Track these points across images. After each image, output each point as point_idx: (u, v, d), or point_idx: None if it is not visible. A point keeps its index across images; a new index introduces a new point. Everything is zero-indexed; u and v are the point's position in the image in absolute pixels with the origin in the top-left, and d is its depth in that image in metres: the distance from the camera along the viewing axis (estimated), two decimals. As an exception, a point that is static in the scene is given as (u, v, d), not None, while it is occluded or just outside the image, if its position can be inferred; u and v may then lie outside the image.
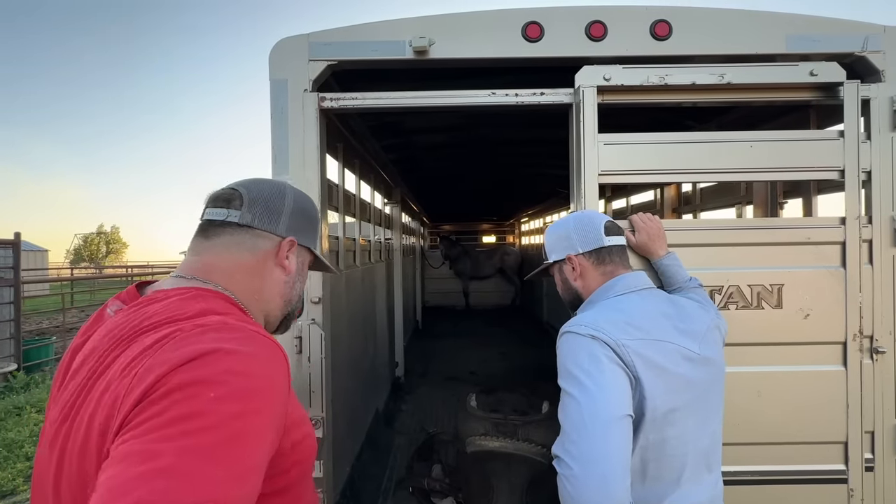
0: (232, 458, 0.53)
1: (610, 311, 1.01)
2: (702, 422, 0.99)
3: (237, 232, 0.79)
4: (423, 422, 3.76)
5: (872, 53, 1.64)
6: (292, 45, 1.68)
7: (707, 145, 1.64)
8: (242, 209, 0.79)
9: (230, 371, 0.57)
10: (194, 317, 0.65)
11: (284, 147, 1.68)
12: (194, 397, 0.54)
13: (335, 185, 2.71)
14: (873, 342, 1.61)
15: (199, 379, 0.55)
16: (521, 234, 10.49)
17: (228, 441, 0.53)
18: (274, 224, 0.81)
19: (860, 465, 1.60)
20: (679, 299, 1.14)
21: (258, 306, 0.81)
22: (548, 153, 3.91)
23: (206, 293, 0.72)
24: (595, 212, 1.21)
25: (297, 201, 0.86)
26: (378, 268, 4.05)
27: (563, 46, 1.66)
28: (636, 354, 0.91)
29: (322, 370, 1.65)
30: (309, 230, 0.88)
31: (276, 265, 0.82)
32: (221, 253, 0.78)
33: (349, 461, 2.67)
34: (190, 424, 0.52)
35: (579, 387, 0.88)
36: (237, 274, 0.78)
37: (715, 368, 1.03)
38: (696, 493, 0.96)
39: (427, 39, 1.64)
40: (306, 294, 1.69)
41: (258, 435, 0.57)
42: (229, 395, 0.55)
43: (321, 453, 1.63)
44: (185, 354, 0.56)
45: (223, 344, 0.59)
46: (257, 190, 0.82)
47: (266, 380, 0.60)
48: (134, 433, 0.51)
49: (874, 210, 1.62)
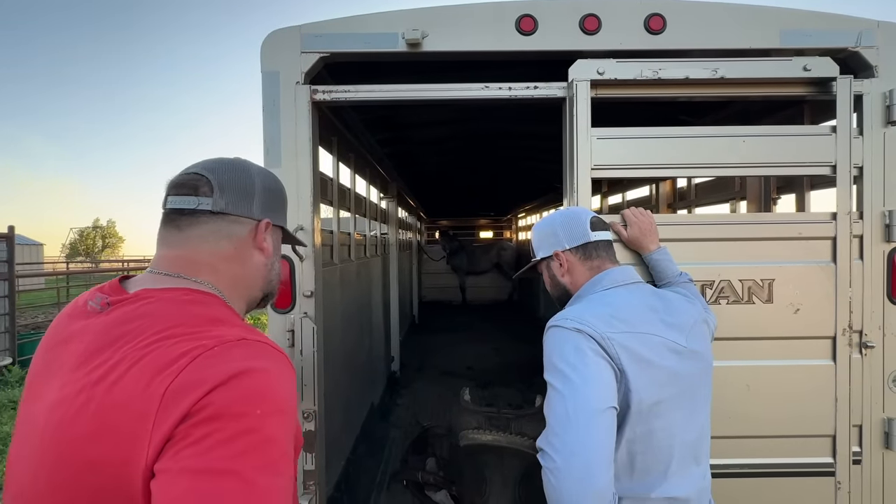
0: (286, 468, 0.59)
1: (596, 305, 1.02)
2: (689, 414, 0.99)
3: (212, 220, 0.76)
4: (419, 416, 3.77)
5: (866, 49, 1.64)
6: (284, 36, 1.66)
7: (700, 140, 1.64)
8: (214, 196, 0.75)
9: (267, 388, 0.60)
10: (206, 326, 0.65)
11: (276, 140, 1.67)
12: (245, 415, 0.56)
13: (329, 178, 2.70)
14: (862, 337, 1.62)
15: (243, 397, 0.57)
16: (518, 229, 10.50)
17: (282, 454, 0.59)
18: (248, 208, 0.79)
19: (847, 458, 1.62)
20: (666, 293, 1.15)
21: (243, 294, 0.81)
22: (543, 148, 3.90)
23: (203, 297, 0.72)
24: (580, 208, 1.22)
25: (265, 180, 0.83)
26: (374, 262, 4.05)
27: (556, 40, 1.65)
28: (621, 347, 0.92)
29: (314, 363, 1.65)
30: (280, 208, 0.87)
31: (254, 249, 0.81)
32: (199, 245, 0.75)
33: (344, 454, 2.68)
34: (249, 440, 0.55)
35: (564, 380, 0.89)
36: (220, 265, 0.76)
37: (702, 362, 1.04)
38: (683, 486, 0.96)
39: (420, 32, 1.62)
40: (298, 288, 1.69)
41: (291, 443, 0.63)
42: (271, 411, 0.59)
43: (314, 446, 1.63)
44: (222, 372, 0.58)
45: (252, 362, 0.61)
46: (224, 173, 0.78)
47: (289, 392, 0.64)
48: (194, 450, 0.53)
49: (865, 206, 1.63)
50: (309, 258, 1.69)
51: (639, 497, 0.96)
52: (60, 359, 0.65)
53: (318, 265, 1.75)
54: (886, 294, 1.63)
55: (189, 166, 0.79)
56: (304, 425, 1.63)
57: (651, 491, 0.95)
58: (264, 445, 0.57)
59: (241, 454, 0.54)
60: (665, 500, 0.95)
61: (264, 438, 0.57)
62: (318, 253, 1.74)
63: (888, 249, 1.63)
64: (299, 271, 1.68)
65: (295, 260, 1.67)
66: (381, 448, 3.30)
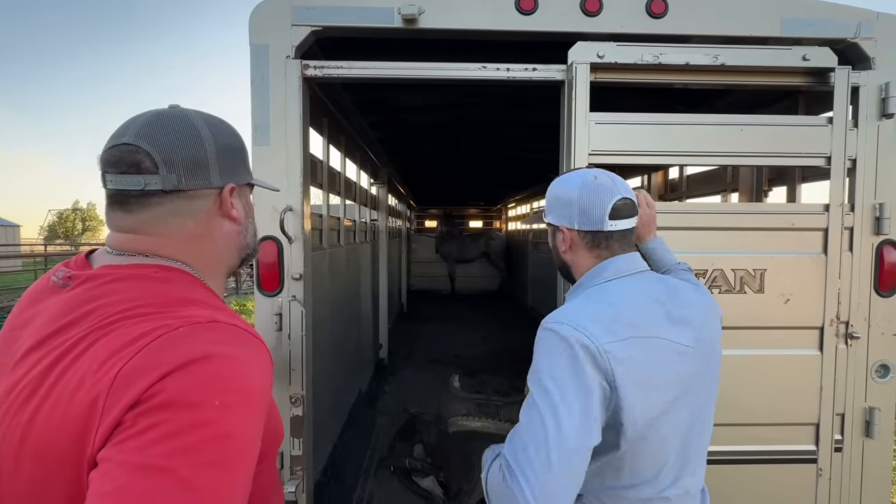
0: (243, 467, 0.53)
1: (597, 304, 0.93)
2: (691, 413, 0.94)
3: (166, 200, 0.65)
4: (406, 403, 3.77)
5: (864, 40, 1.63)
6: (274, 7, 1.59)
7: (698, 127, 1.63)
8: (161, 172, 0.64)
9: (230, 376, 0.55)
10: (174, 306, 0.59)
11: (265, 116, 1.61)
12: (199, 405, 0.51)
13: (320, 161, 2.64)
14: (849, 328, 1.65)
15: (200, 385, 0.52)
16: (508, 219, 10.50)
17: (238, 452, 0.53)
18: (205, 178, 0.67)
19: (829, 446, 1.65)
20: (672, 280, 1.05)
21: (220, 268, 0.74)
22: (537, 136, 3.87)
23: (174, 276, 0.65)
24: (611, 183, 0.99)
25: (218, 136, 0.70)
26: (363, 248, 4.00)
27: (556, 20, 1.61)
28: (618, 362, 0.85)
29: (302, 348, 1.62)
30: (241, 164, 0.75)
31: (223, 219, 0.71)
32: (158, 227, 0.66)
33: (331, 440, 2.67)
34: (199, 435, 0.50)
35: (550, 406, 0.83)
36: (188, 244, 0.69)
37: (709, 357, 0.97)
38: (677, 485, 0.93)
39: (416, 7, 1.57)
40: (287, 270, 1.64)
41: (256, 438, 0.57)
42: (232, 402, 0.53)
43: (301, 431, 1.60)
44: (180, 357, 0.52)
45: (218, 347, 0.55)
46: (167, 142, 0.65)
47: (260, 382, 0.59)
48: (138, 443, 0.48)
49: (857, 198, 1.64)
50: (298, 240, 1.64)
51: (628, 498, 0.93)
52: (21, 339, 0.61)
53: (308, 248, 1.71)
54: (873, 286, 1.65)
55: (118, 130, 0.66)
56: (291, 410, 1.60)
57: (640, 492, 0.92)
58: (218, 441, 0.51)
59: (188, 450, 0.49)
60: (659, 499, 0.92)
61: (220, 433, 0.51)
62: (307, 236, 1.69)
63: (877, 242, 1.65)
64: (288, 253, 1.64)
65: (284, 242, 1.62)
66: (368, 434, 3.29)
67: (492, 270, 10.03)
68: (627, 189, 1.01)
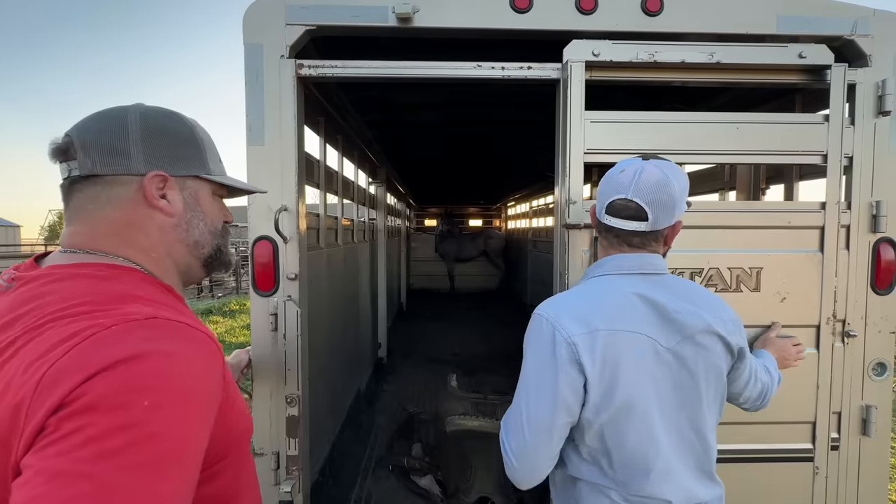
0: (176, 470, 0.50)
1: (580, 298, 1.00)
2: (673, 420, 0.95)
3: (87, 186, 0.65)
4: (405, 402, 3.77)
5: (861, 37, 1.63)
6: (268, 6, 1.59)
7: (694, 126, 1.62)
8: (79, 157, 0.64)
9: (163, 375, 0.52)
10: (114, 304, 0.57)
11: (260, 116, 1.60)
12: (126, 407, 0.48)
13: (316, 160, 2.63)
14: (845, 326, 1.64)
15: (128, 386, 0.49)
16: (508, 218, 10.50)
17: (170, 453, 0.50)
18: (123, 162, 0.65)
19: (826, 444, 1.65)
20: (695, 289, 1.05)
21: (166, 264, 0.71)
22: (534, 134, 3.87)
23: (115, 272, 0.63)
24: (624, 176, 0.99)
25: (148, 122, 0.67)
26: (361, 248, 3.99)
27: (551, 18, 1.61)
28: (585, 352, 0.92)
29: (298, 348, 1.61)
30: (182, 154, 0.70)
31: (151, 209, 0.68)
32: (86, 217, 0.65)
33: (329, 440, 2.67)
34: (125, 438, 0.47)
35: (525, 389, 0.97)
36: (122, 234, 0.66)
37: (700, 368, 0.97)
38: (670, 491, 0.93)
39: (411, 6, 1.56)
40: (282, 270, 1.63)
41: (195, 438, 0.54)
42: (165, 402, 0.51)
43: (297, 431, 1.60)
44: (109, 356, 0.50)
45: (153, 344, 0.53)
46: (89, 128, 0.65)
47: (201, 380, 0.56)
48: (59, 448, 0.46)
49: (853, 195, 1.63)
50: (293, 240, 1.64)
51: (625, 489, 0.95)
52: None
53: (303, 248, 1.70)
54: (870, 284, 1.65)
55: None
56: (287, 410, 1.60)
57: (634, 485, 0.94)
58: (146, 443, 0.48)
59: (112, 454, 0.46)
60: (652, 499, 0.94)
61: (148, 434, 0.49)
62: (302, 236, 1.69)
63: (873, 240, 1.64)
64: (283, 253, 1.63)
65: (279, 242, 1.62)
66: (367, 433, 3.29)
67: (491, 269, 10.02)
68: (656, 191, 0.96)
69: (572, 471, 1.01)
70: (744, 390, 1.12)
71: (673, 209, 0.98)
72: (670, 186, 0.96)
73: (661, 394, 0.94)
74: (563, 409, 0.93)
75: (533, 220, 7.79)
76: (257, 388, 1.63)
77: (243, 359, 1.45)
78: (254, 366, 1.58)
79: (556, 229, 1.68)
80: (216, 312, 8.95)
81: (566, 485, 1.04)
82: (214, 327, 7.83)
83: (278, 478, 1.63)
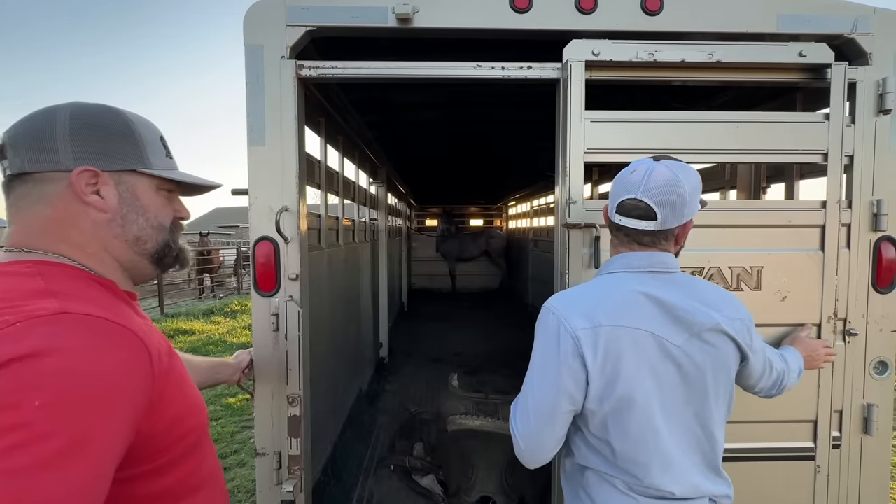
0: (70, 470, 0.49)
1: (588, 296, 1.03)
2: (676, 415, 0.97)
3: (19, 185, 0.66)
4: (406, 402, 3.78)
5: (861, 36, 1.62)
6: (268, 8, 1.59)
7: (695, 125, 1.62)
8: (9, 156, 0.65)
9: (60, 372, 0.50)
10: (26, 300, 0.56)
11: (260, 117, 1.61)
12: (15, 407, 0.47)
13: (317, 160, 2.64)
14: (847, 325, 1.64)
15: (21, 385, 0.48)
16: (509, 217, 10.50)
17: (62, 454, 0.48)
18: (51, 159, 0.65)
19: (827, 442, 1.65)
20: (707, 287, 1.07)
21: (104, 260, 0.70)
22: (534, 134, 3.87)
23: (44, 269, 0.63)
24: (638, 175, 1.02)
25: (78, 118, 0.67)
26: (363, 248, 4.00)
27: (551, 18, 1.61)
28: (588, 346, 0.96)
29: (299, 348, 1.62)
30: (116, 149, 0.69)
31: (84, 205, 0.67)
32: (20, 216, 0.66)
33: (331, 439, 2.67)
34: (11, 439, 0.46)
35: (530, 378, 1.03)
36: (55, 231, 0.66)
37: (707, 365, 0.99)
38: (675, 484, 0.96)
39: (411, 7, 1.56)
40: (283, 271, 1.64)
41: (99, 436, 0.52)
42: (58, 400, 0.49)
43: (299, 431, 1.61)
44: (5, 354, 0.49)
45: (55, 340, 0.52)
46: (19, 127, 0.66)
47: (109, 376, 0.54)
48: None
49: (854, 194, 1.63)
50: (294, 241, 1.64)
51: (629, 478, 0.97)
52: None
53: (304, 249, 1.71)
54: (871, 283, 1.64)
55: None
56: (289, 410, 1.60)
57: (637, 476, 0.96)
58: (37, 444, 0.47)
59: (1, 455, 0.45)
60: (656, 490, 0.96)
61: (39, 435, 0.47)
62: (303, 236, 1.69)
63: (874, 238, 1.64)
64: (284, 254, 1.64)
65: (280, 242, 1.63)
66: (368, 433, 3.30)
67: (492, 269, 10.03)
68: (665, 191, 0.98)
69: (580, 459, 1.04)
70: (759, 381, 1.17)
71: (682, 209, 1.01)
72: (680, 186, 0.99)
73: (665, 389, 0.97)
74: (566, 398, 0.97)
75: (534, 220, 7.80)
76: (259, 389, 1.64)
77: (244, 359, 1.46)
78: (255, 366, 1.59)
79: (556, 229, 1.68)
80: (218, 313, 8.97)
81: (575, 473, 1.07)
82: (216, 328, 7.85)
83: (280, 477, 1.64)
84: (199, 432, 0.70)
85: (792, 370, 1.24)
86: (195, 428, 0.69)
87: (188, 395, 0.68)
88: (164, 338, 0.70)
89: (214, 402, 4.43)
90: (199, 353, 5.93)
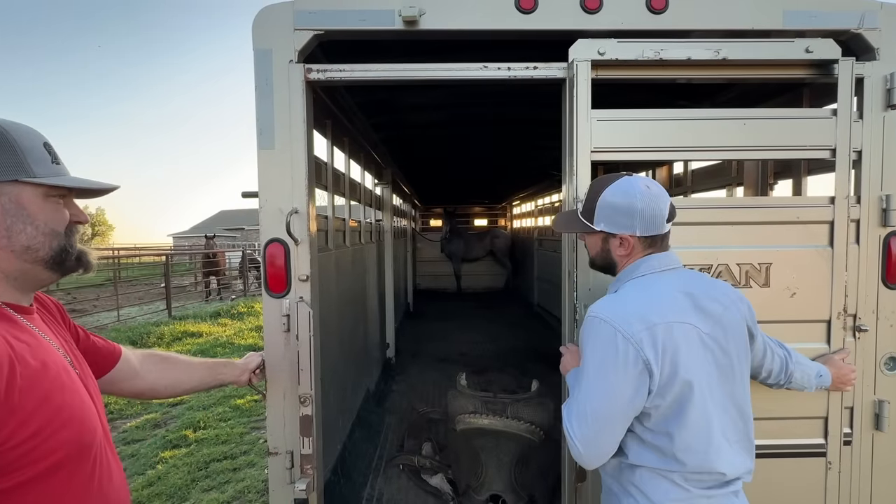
0: None
1: (632, 301, 1.08)
2: (717, 397, 1.05)
3: None
4: (414, 401, 3.79)
5: (868, 31, 1.62)
6: (277, 13, 1.61)
7: (701, 122, 1.62)
8: None
9: None
10: None
11: (270, 120, 1.63)
12: None
13: (324, 163, 2.66)
14: (857, 321, 1.63)
15: None
16: (513, 217, 10.49)
17: None
18: None
19: (839, 439, 1.64)
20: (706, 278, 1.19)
21: None
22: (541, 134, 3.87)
23: None
24: (662, 190, 1.15)
25: None
26: (369, 249, 4.02)
27: (557, 18, 1.62)
28: (650, 346, 1.00)
29: (310, 348, 1.63)
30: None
31: None
32: None
33: (340, 439, 2.69)
34: None
35: (592, 377, 1.05)
36: None
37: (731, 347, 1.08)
38: (728, 464, 1.04)
39: (417, 9, 1.58)
40: (294, 272, 1.66)
41: None
42: None
43: (311, 430, 1.62)
44: None
45: None
46: None
47: None
48: None
49: (863, 190, 1.63)
50: (304, 242, 1.66)
51: (685, 468, 1.02)
52: None
53: (314, 250, 1.73)
54: (881, 278, 1.64)
55: None
56: (300, 410, 1.62)
57: (694, 463, 1.02)
58: None
59: None
60: (708, 474, 1.03)
61: None
62: (313, 238, 1.71)
63: (884, 234, 1.63)
64: (294, 255, 1.66)
65: (290, 244, 1.64)
66: (377, 433, 3.32)
67: (497, 269, 10.02)
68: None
69: (633, 459, 1.08)
70: (763, 361, 1.25)
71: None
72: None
73: (709, 375, 1.05)
74: (628, 403, 1.02)
75: (539, 220, 7.79)
76: (271, 389, 1.66)
77: (253, 360, 1.48)
78: (267, 366, 1.61)
79: None
80: (224, 315, 9.03)
81: (623, 471, 1.11)
82: (223, 329, 7.90)
83: (293, 476, 1.66)
84: (72, 448, 0.66)
85: (807, 369, 1.34)
86: (66, 443, 0.65)
87: (59, 408, 0.65)
88: (44, 348, 0.69)
89: (223, 404, 4.47)
90: (207, 355, 5.98)
